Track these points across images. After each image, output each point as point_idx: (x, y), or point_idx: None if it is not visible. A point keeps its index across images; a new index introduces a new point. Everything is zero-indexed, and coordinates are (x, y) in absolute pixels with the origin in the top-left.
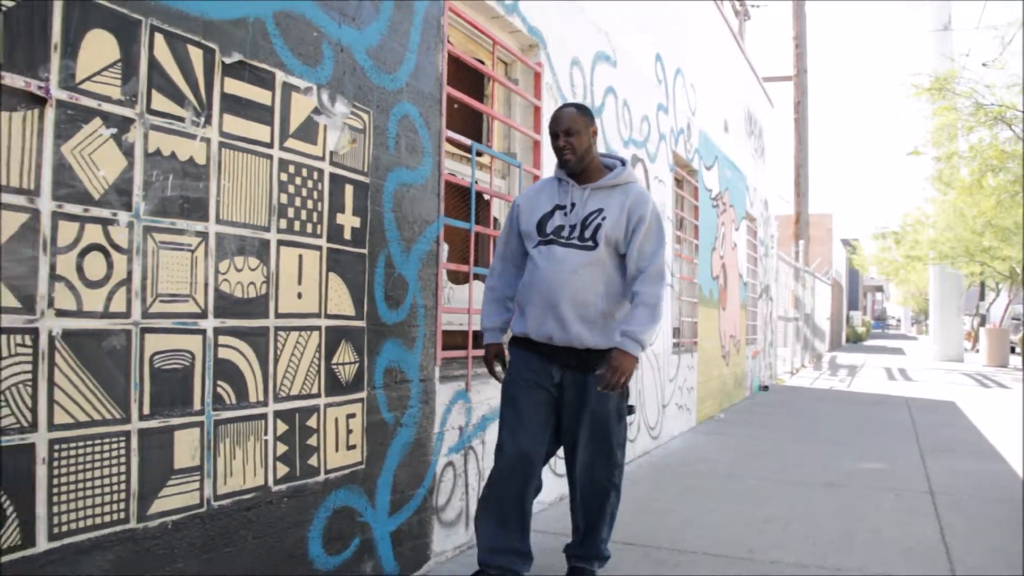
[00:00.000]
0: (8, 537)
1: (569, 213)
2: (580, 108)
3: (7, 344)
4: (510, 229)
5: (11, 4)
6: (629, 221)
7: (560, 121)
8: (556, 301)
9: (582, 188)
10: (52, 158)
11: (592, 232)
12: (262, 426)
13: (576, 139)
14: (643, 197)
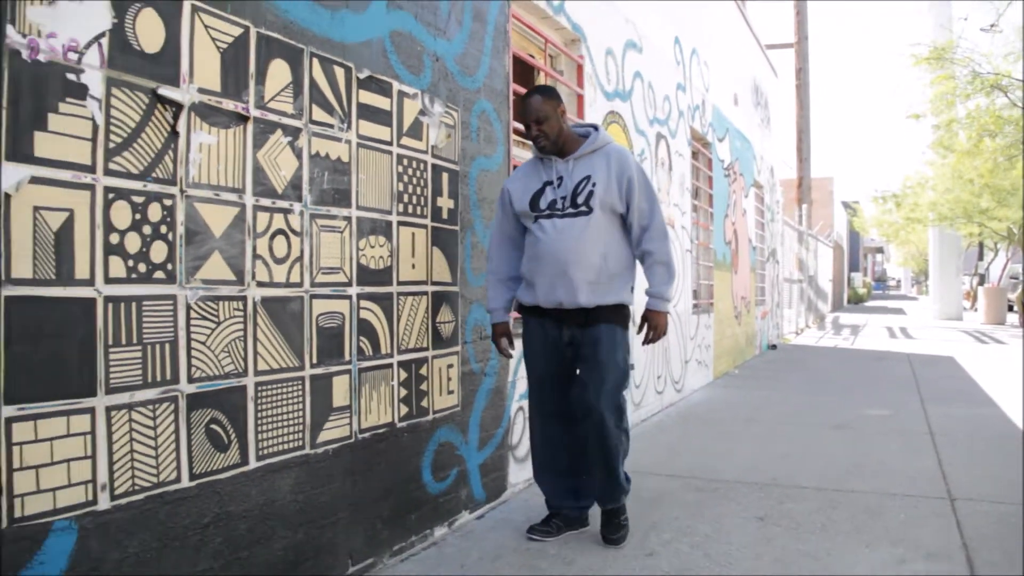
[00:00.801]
0: (231, 456)
1: (558, 187)
2: (544, 93)
3: (226, 309)
4: (503, 213)
5: (224, 46)
6: (620, 184)
7: (529, 112)
8: (564, 269)
9: (565, 161)
10: (251, 163)
11: (585, 198)
12: (390, 374)
13: (547, 125)
14: (624, 157)
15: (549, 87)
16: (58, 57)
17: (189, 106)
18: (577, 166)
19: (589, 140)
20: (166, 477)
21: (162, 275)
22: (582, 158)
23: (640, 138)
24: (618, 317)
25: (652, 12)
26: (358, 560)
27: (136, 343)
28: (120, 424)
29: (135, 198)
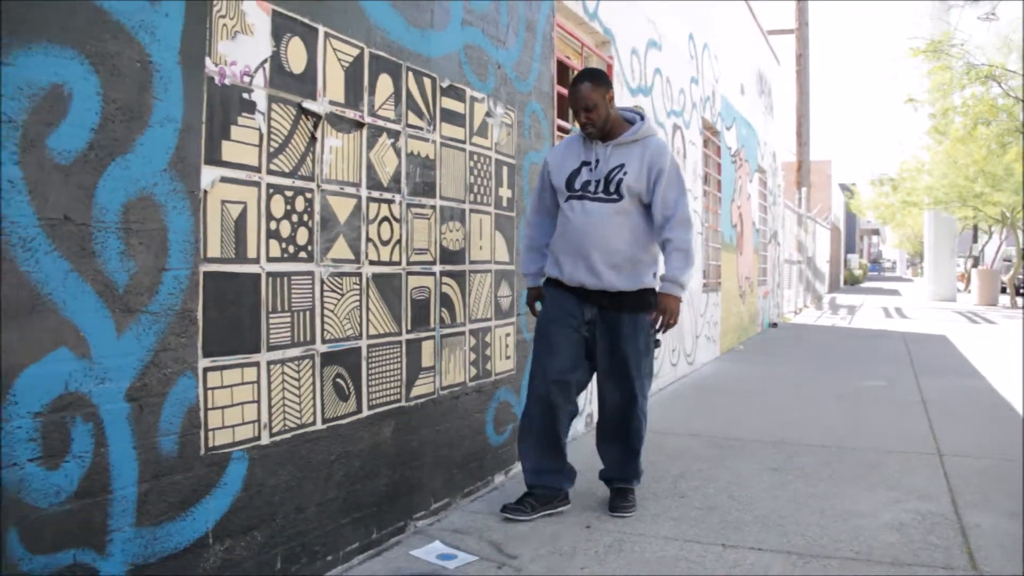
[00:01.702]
0: (350, 405)
1: (594, 169)
2: (594, 80)
3: (348, 283)
4: (542, 185)
5: (347, 64)
6: (650, 174)
7: (579, 99)
8: (587, 251)
9: (605, 145)
10: (365, 161)
11: (616, 186)
12: (463, 340)
13: (595, 113)
14: (661, 149)
15: (598, 71)
16: (237, 80)
17: (324, 116)
18: (615, 153)
19: (632, 129)
20: (306, 420)
21: (304, 255)
22: (622, 146)
23: (659, 130)
24: (641, 304)
25: (670, 11)
26: (438, 499)
27: (287, 310)
28: (276, 376)
29: (287, 192)
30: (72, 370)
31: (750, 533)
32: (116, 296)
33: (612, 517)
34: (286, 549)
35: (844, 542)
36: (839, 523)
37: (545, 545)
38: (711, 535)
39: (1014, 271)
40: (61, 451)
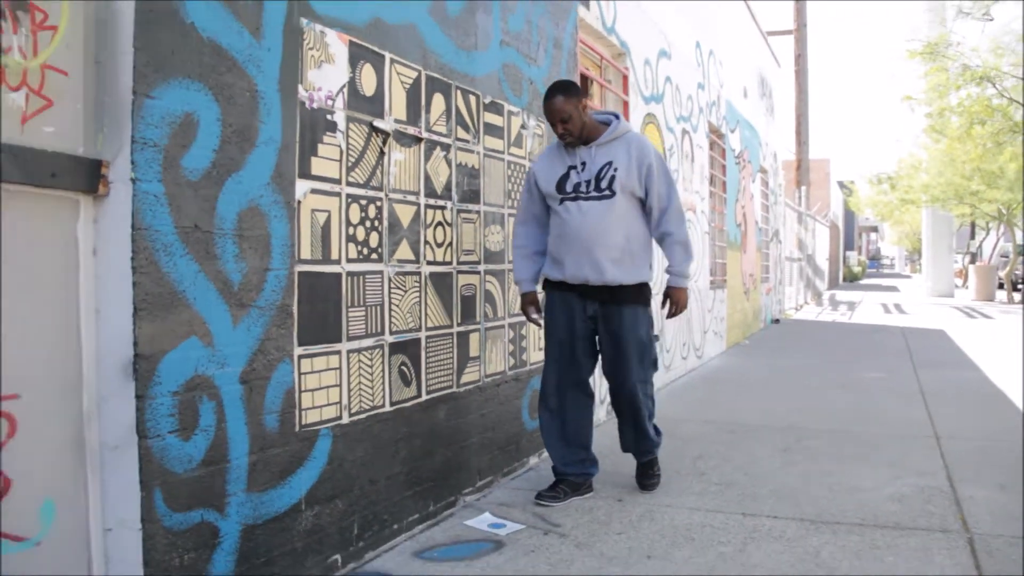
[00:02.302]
0: (412, 390)
1: (581, 171)
2: (566, 92)
3: (410, 281)
4: (530, 193)
5: (408, 86)
6: (640, 169)
7: (554, 112)
8: (589, 248)
9: (588, 148)
10: (423, 172)
11: (608, 183)
12: (503, 333)
13: (571, 123)
14: (644, 145)
15: (568, 83)
16: (322, 104)
17: (391, 132)
18: (599, 152)
19: (610, 129)
20: (377, 403)
21: (375, 256)
22: (604, 145)
23: (670, 135)
24: (639, 296)
25: (679, 21)
26: (483, 477)
27: (362, 305)
28: (354, 363)
29: (361, 201)
30: (200, 356)
31: (766, 504)
32: (232, 293)
33: (641, 492)
34: (361, 517)
35: (851, 510)
36: (845, 495)
37: (584, 516)
38: (731, 506)
39: (1010, 267)
40: (192, 425)
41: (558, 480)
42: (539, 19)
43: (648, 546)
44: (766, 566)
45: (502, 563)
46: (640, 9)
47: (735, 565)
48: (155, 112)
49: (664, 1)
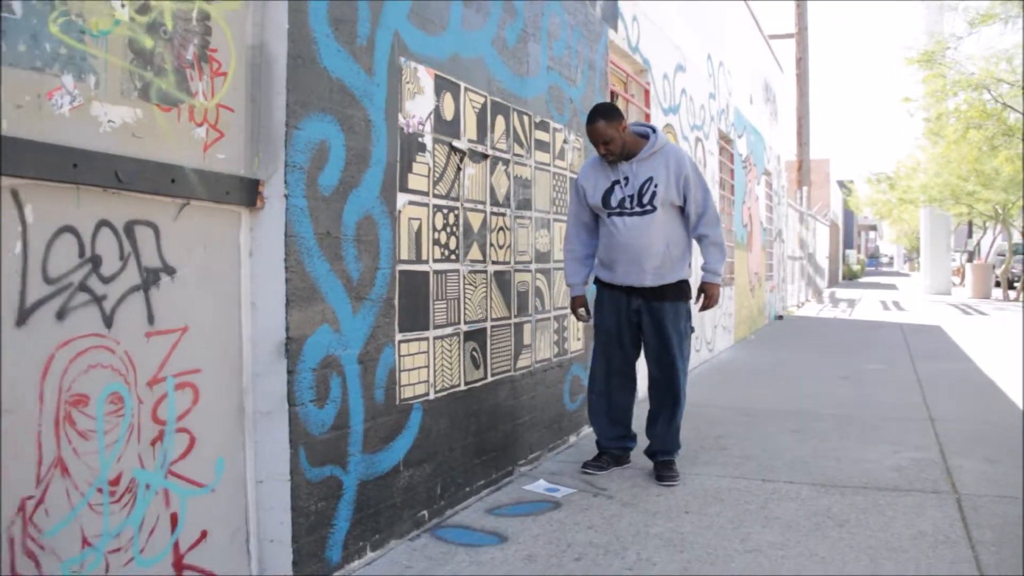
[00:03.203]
0: (480, 372)
1: (625, 186)
2: (607, 116)
3: (479, 278)
4: (579, 203)
5: (477, 109)
6: (678, 182)
7: (597, 135)
8: (636, 259)
9: (629, 163)
10: (488, 184)
11: (649, 198)
12: (550, 324)
13: (613, 144)
14: (680, 157)
15: (609, 107)
16: (415, 129)
17: (466, 151)
18: (641, 168)
19: (649, 144)
20: (454, 382)
21: (454, 257)
22: (644, 160)
23: (685, 143)
24: (680, 293)
25: (693, 36)
26: (533, 451)
27: (444, 299)
28: (438, 348)
29: (443, 210)
30: (330, 340)
31: (782, 472)
32: (353, 287)
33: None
34: (443, 479)
35: (856, 477)
36: (851, 466)
37: (626, 482)
38: (752, 474)
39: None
40: (325, 396)
41: (601, 452)
42: (577, 44)
43: (684, 504)
44: (785, 519)
45: (563, 517)
46: (659, 28)
47: (759, 518)
48: (301, 141)
49: (680, 18)
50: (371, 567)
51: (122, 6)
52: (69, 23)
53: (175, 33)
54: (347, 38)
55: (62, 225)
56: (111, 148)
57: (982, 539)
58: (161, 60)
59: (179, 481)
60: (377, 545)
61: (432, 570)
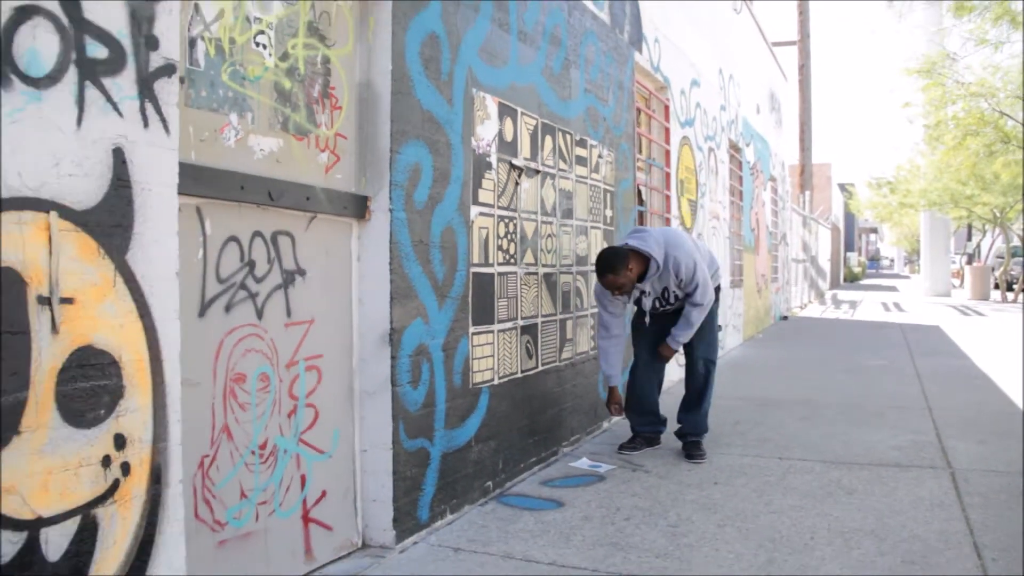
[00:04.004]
0: (533, 362)
1: (647, 296)
2: (613, 270)
3: (532, 279)
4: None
5: (531, 130)
6: (685, 279)
7: (608, 286)
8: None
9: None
10: (539, 196)
11: (673, 299)
12: (587, 321)
13: (623, 287)
14: (675, 264)
15: (612, 261)
16: (484, 150)
17: (522, 168)
18: (655, 284)
19: (651, 270)
20: (513, 370)
21: (512, 261)
22: (654, 278)
23: (699, 153)
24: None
25: (704, 51)
26: (574, 434)
27: (504, 297)
28: (501, 340)
29: (505, 220)
30: (422, 331)
31: (795, 452)
32: (438, 287)
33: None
34: (504, 455)
35: (861, 455)
36: (857, 446)
37: (659, 459)
38: (769, 453)
39: (1003, 268)
40: (418, 379)
41: (635, 435)
42: (608, 67)
43: (713, 477)
44: (801, 488)
45: (608, 488)
46: (677, 47)
47: (779, 488)
48: (401, 163)
49: (695, 36)
50: (452, 527)
51: (269, 55)
52: (235, 72)
53: (306, 75)
54: (434, 74)
55: (229, 235)
56: (263, 172)
57: (972, 503)
58: (296, 98)
59: (307, 448)
60: (454, 509)
61: (505, 527)
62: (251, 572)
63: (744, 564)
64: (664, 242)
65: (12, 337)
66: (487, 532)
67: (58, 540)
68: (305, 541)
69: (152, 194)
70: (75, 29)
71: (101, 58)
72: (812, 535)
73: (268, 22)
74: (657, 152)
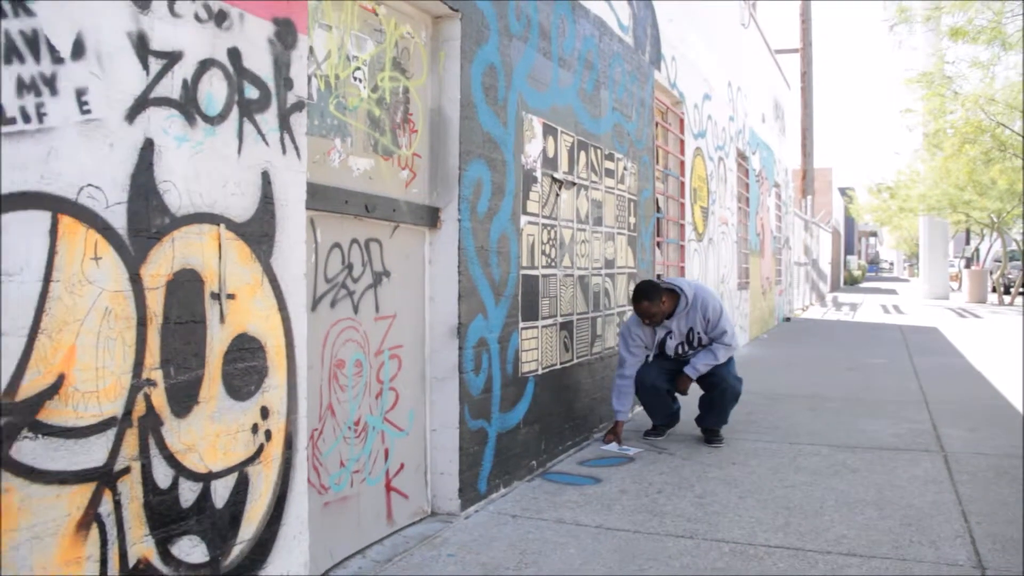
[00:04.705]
0: (569, 354)
1: (672, 337)
2: (649, 298)
3: (570, 281)
4: (633, 344)
5: (568, 146)
6: (711, 322)
7: (642, 313)
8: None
9: (670, 320)
10: (574, 205)
11: (697, 341)
12: (614, 319)
13: (656, 316)
14: (702, 305)
15: (651, 289)
16: (531, 165)
17: (562, 181)
18: (681, 321)
19: (681, 305)
20: (553, 362)
21: (553, 264)
22: (681, 316)
23: (710, 163)
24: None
25: (715, 66)
26: (601, 421)
27: (547, 296)
28: (543, 335)
29: (548, 228)
30: (482, 326)
31: (803, 437)
32: (495, 287)
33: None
34: (545, 437)
35: (864, 441)
36: (859, 434)
37: (680, 444)
38: (779, 439)
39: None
40: (479, 367)
41: (655, 425)
42: (632, 86)
43: (731, 458)
44: (810, 468)
45: (639, 467)
46: (691, 63)
47: (790, 467)
48: (467, 180)
49: (707, 52)
50: (506, 499)
51: (363, 88)
52: (339, 103)
53: (390, 104)
54: (492, 100)
55: (334, 242)
56: (360, 188)
57: (961, 480)
58: (383, 124)
59: (389, 426)
60: (506, 483)
61: (552, 499)
62: (347, 531)
63: (764, 527)
64: (694, 286)
65: (195, 325)
66: (537, 503)
67: (222, 491)
68: (387, 507)
69: (288, 209)
70: (237, 76)
71: (254, 98)
72: (821, 504)
73: (363, 59)
74: (672, 163)
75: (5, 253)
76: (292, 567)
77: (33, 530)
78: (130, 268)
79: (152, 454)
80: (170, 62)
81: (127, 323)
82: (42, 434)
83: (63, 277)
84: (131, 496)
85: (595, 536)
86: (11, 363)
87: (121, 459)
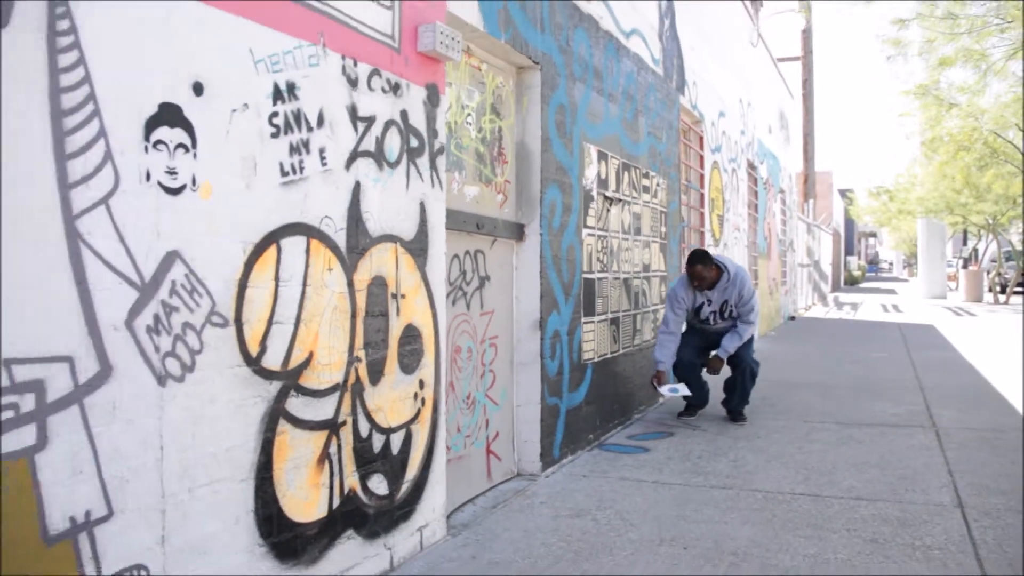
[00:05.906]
0: (617, 345)
1: (709, 305)
2: (703, 261)
3: (616, 283)
4: (678, 306)
5: (615, 168)
6: (741, 299)
7: (695, 274)
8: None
9: (712, 290)
10: (618, 218)
11: (728, 314)
12: (650, 315)
13: (705, 280)
14: (740, 282)
15: (705, 255)
16: (589, 186)
17: (611, 198)
18: (719, 294)
19: (723, 279)
20: (604, 352)
21: (604, 269)
22: (721, 289)
23: (725, 174)
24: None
25: (728, 84)
26: (642, 404)
27: (600, 296)
28: (598, 329)
29: (601, 238)
30: (556, 320)
31: (816, 416)
32: (565, 288)
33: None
34: (600, 415)
35: (867, 419)
36: (864, 413)
37: (711, 423)
38: (794, 418)
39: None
40: (554, 354)
41: (688, 404)
42: (662, 111)
43: (755, 432)
44: (823, 440)
45: (679, 440)
46: (709, 85)
47: (806, 439)
48: (546, 201)
49: (721, 72)
50: (574, 464)
51: (472, 129)
52: (457, 143)
53: (490, 141)
54: (562, 134)
55: (455, 253)
56: (472, 210)
57: (949, 447)
58: (485, 158)
59: (489, 401)
60: (572, 452)
61: (612, 463)
62: (462, 484)
63: (788, 481)
64: (736, 266)
65: (383, 318)
66: (601, 465)
67: (396, 442)
68: (487, 467)
69: (434, 229)
70: (406, 130)
71: (415, 146)
72: (834, 466)
73: (472, 107)
74: (693, 176)
75: (283, 266)
76: (436, 505)
77: (295, 461)
78: (347, 276)
79: (358, 412)
80: (368, 124)
81: (345, 315)
82: (301, 394)
83: (312, 282)
84: (346, 442)
85: (654, 488)
86: (284, 343)
87: (341, 414)
